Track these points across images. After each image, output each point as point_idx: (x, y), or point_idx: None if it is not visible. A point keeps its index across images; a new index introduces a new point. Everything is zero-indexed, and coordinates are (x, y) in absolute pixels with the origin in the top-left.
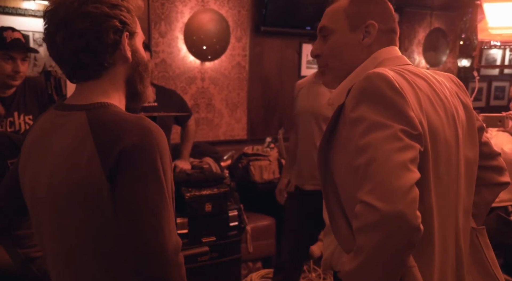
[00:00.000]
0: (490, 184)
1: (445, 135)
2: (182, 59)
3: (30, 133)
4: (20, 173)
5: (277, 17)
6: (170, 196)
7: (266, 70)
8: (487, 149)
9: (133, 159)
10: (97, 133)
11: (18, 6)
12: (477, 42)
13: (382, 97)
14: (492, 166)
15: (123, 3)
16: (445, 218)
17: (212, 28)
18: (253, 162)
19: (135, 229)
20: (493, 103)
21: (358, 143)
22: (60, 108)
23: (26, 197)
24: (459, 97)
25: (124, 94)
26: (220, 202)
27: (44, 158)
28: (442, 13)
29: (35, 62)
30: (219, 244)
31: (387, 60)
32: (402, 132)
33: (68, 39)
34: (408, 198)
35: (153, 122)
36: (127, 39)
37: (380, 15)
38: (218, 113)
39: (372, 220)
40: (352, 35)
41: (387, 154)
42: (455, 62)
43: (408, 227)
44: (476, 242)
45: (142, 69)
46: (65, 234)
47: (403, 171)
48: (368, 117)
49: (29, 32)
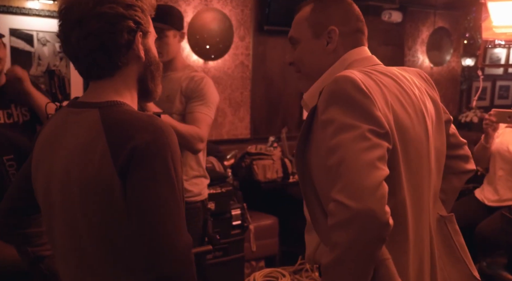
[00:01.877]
0: (458, 172)
1: (414, 131)
2: (186, 58)
3: (42, 131)
4: (33, 171)
5: (280, 16)
6: (181, 194)
7: (269, 69)
8: (454, 140)
9: (145, 157)
10: (110, 131)
11: (22, 5)
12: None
13: (349, 99)
14: (459, 155)
15: (137, 3)
16: (419, 209)
17: (215, 27)
18: (256, 161)
19: (146, 226)
20: (497, 102)
21: (329, 144)
22: (73, 106)
23: (39, 194)
24: (427, 92)
25: (136, 92)
26: (223, 201)
27: (57, 155)
28: (446, 12)
29: (39, 61)
30: (222, 243)
31: (356, 62)
32: (370, 132)
33: (83, 39)
34: (377, 195)
35: (165, 122)
36: (140, 39)
37: (340, 18)
38: (221, 113)
39: (344, 218)
40: (317, 42)
41: (355, 153)
42: (459, 61)
43: (377, 223)
44: (445, 229)
45: (154, 68)
46: (77, 231)
47: (371, 169)
48: (337, 119)
49: (33, 31)
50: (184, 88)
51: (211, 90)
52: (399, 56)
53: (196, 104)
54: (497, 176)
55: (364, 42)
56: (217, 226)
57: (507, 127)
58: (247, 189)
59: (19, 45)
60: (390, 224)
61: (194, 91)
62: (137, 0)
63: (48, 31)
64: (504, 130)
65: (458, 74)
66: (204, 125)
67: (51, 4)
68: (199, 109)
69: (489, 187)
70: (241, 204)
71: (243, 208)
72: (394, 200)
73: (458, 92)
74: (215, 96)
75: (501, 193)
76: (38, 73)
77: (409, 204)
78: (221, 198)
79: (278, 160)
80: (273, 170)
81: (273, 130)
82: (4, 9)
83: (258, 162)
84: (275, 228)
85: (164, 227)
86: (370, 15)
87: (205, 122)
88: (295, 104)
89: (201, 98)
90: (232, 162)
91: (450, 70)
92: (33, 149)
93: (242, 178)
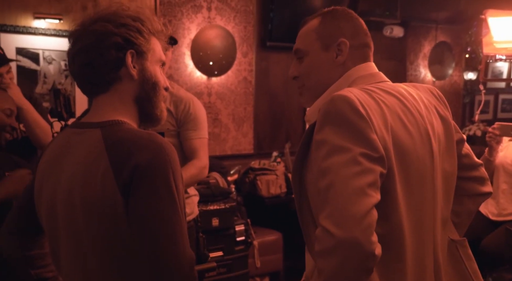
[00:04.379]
0: (472, 194)
1: (416, 152)
2: (189, 74)
3: (46, 152)
4: (36, 192)
5: (283, 32)
6: (183, 211)
7: (272, 84)
8: (468, 160)
9: (147, 175)
10: (112, 150)
11: (29, 25)
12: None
13: (344, 120)
14: (474, 177)
15: (133, 24)
16: (420, 234)
17: (218, 44)
18: (260, 176)
19: (150, 244)
20: (500, 115)
21: (321, 166)
22: (76, 126)
23: (42, 215)
24: (437, 110)
25: (136, 113)
26: (227, 217)
27: (61, 175)
28: (447, 27)
29: (44, 79)
30: (226, 259)
31: (361, 78)
32: (362, 156)
33: (77, 55)
34: (363, 224)
35: (165, 139)
36: (131, 56)
37: (350, 31)
38: (225, 128)
39: (328, 245)
40: (325, 54)
41: (345, 179)
42: (461, 75)
43: (362, 253)
44: (456, 254)
45: (149, 89)
46: (81, 250)
47: (360, 196)
48: (330, 141)
49: (39, 50)
50: (173, 110)
51: (201, 112)
52: (401, 71)
53: (191, 131)
54: (500, 189)
55: (371, 58)
56: (220, 242)
57: (511, 140)
58: (251, 205)
59: (25, 64)
60: (376, 254)
61: (186, 116)
62: (134, 21)
63: (54, 49)
64: (508, 144)
65: (460, 88)
66: (203, 151)
67: (57, 23)
68: (195, 135)
69: (492, 201)
70: (245, 219)
71: (247, 223)
72: (389, 225)
73: (461, 106)
74: (204, 114)
75: (505, 206)
76: (44, 91)
77: (407, 229)
78: (225, 213)
79: (281, 175)
80: (277, 185)
81: (277, 146)
82: (11, 28)
83: (262, 177)
84: (280, 243)
85: (167, 243)
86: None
87: (203, 147)
88: (299, 120)
89: (194, 123)
90: (235, 177)
91: (453, 84)
92: (35, 171)
93: (246, 193)
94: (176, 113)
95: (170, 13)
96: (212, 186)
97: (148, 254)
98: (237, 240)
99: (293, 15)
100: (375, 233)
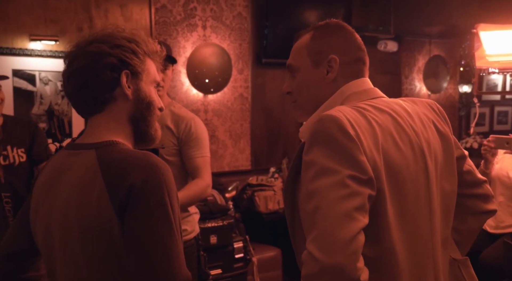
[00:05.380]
0: (476, 212)
1: (409, 171)
2: (185, 92)
3: (41, 174)
4: (32, 214)
5: (278, 48)
6: (179, 230)
7: (268, 100)
8: (470, 177)
9: (142, 195)
10: (106, 170)
11: (25, 46)
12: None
13: (332, 141)
14: (477, 194)
15: (129, 45)
16: (418, 256)
17: (214, 61)
18: (258, 192)
19: (146, 264)
20: (496, 127)
21: (308, 188)
22: (71, 148)
23: (38, 237)
24: (435, 126)
25: (130, 133)
26: (225, 234)
27: (56, 197)
28: (440, 41)
29: (41, 100)
30: (225, 277)
31: (354, 95)
32: (350, 178)
33: (72, 76)
34: (349, 250)
35: (160, 158)
36: (126, 77)
37: (341, 47)
38: (222, 145)
39: (312, 270)
40: (316, 71)
41: (331, 202)
42: (456, 88)
43: (347, 279)
44: (458, 274)
45: (143, 108)
46: (78, 271)
47: (346, 220)
48: (318, 162)
49: (35, 71)
50: (174, 128)
51: (202, 130)
52: (396, 85)
53: (193, 150)
54: (497, 202)
55: (365, 73)
56: (219, 260)
57: (506, 153)
58: (249, 221)
59: (21, 85)
60: (362, 280)
61: (188, 135)
62: (130, 42)
63: (50, 70)
64: (503, 156)
65: (455, 101)
66: (205, 169)
67: (53, 44)
68: (197, 154)
69: None
70: (243, 236)
71: (246, 240)
72: (380, 248)
73: (457, 119)
74: (205, 132)
75: (502, 219)
76: (41, 112)
77: (401, 251)
78: (223, 231)
79: (279, 191)
80: (275, 201)
81: (274, 161)
82: (7, 50)
83: (260, 193)
84: (279, 259)
85: (163, 264)
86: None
87: (205, 165)
88: (295, 135)
89: (196, 142)
90: (233, 194)
91: (448, 97)
92: (31, 193)
93: (244, 210)
94: (177, 132)
95: (166, 32)
96: (210, 203)
97: (144, 275)
98: (235, 257)
99: (287, 31)
100: (361, 258)
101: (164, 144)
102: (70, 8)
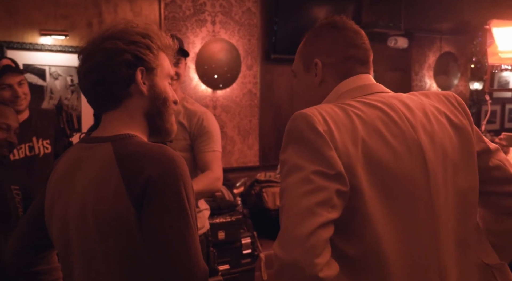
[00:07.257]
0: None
1: (400, 168)
2: (194, 88)
3: (56, 168)
4: (47, 208)
5: (287, 44)
6: (195, 223)
7: (277, 96)
8: (500, 173)
9: (159, 188)
10: (123, 163)
11: (35, 41)
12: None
13: (301, 138)
14: (510, 192)
15: (143, 41)
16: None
17: (223, 57)
18: (266, 188)
19: (163, 257)
20: (507, 125)
21: (281, 186)
22: (86, 141)
23: (54, 231)
24: (449, 118)
25: (146, 127)
26: (233, 230)
27: (72, 190)
28: (451, 37)
29: (51, 95)
30: (233, 272)
31: (347, 92)
32: (315, 174)
33: (88, 73)
34: (305, 246)
35: (175, 151)
36: (141, 73)
37: (325, 49)
38: (230, 141)
39: (276, 268)
40: (307, 75)
41: (294, 199)
42: (467, 85)
43: (304, 276)
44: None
45: (159, 104)
46: (94, 264)
47: (307, 216)
48: (289, 160)
49: (45, 66)
50: (186, 123)
51: (214, 125)
52: (406, 82)
53: (204, 144)
54: None
55: (358, 70)
56: (227, 255)
57: None
58: (257, 217)
59: (32, 80)
60: (321, 277)
61: (200, 129)
62: (144, 38)
63: (60, 65)
64: None
65: (466, 98)
66: (216, 163)
67: (63, 39)
68: (209, 148)
69: None
70: (251, 232)
71: (253, 236)
72: (363, 245)
73: None
74: (217, 127)
75: None
76: (51, 106)
77: (390, 251)
78: (231, 227)
79: None
80: None
81: None
82: (17, 45)
83: (268, 189)
84: None
85: (181, 256)
86: (376, 42)
87: (216, 160)
88: None
89: (207, 136)
90: (241, 190)
91: (458, 95)
92: (45, 187)
93: (252, 206)
94: (189, 127)
95: (175, 27)
96: (218, 199)
97: (162, 268)
98: (243, 253)
99: (296, 28)
100: (325, 253)
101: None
102: (80, 3)
